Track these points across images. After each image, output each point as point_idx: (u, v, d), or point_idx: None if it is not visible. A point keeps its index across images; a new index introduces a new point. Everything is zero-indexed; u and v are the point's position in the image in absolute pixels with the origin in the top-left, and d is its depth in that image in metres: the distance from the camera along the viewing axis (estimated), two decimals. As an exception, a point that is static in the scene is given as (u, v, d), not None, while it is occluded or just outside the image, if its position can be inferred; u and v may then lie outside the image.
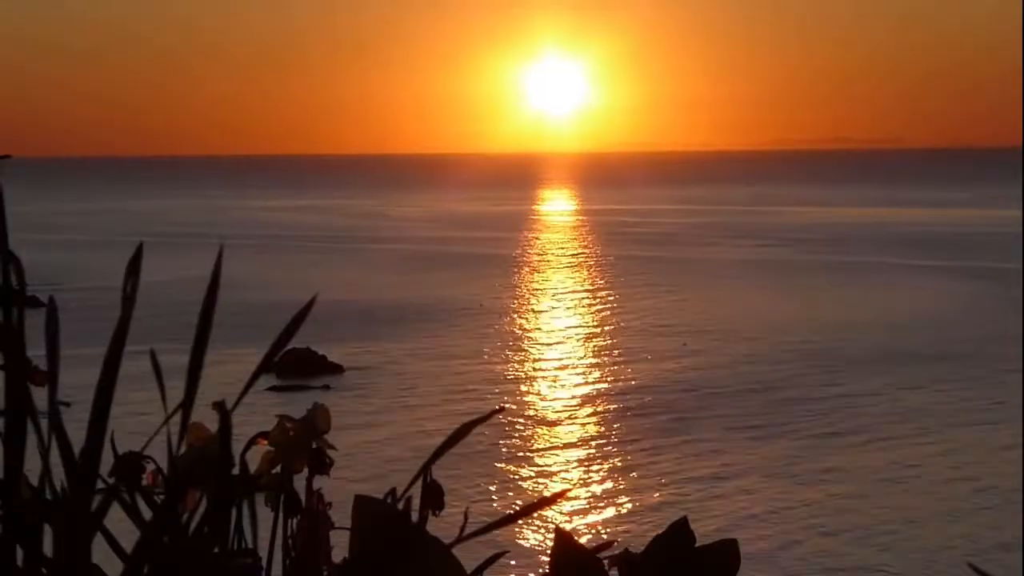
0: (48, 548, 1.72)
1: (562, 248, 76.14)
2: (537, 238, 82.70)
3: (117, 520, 1.80)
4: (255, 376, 1.77)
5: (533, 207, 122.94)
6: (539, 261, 66.89)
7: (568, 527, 14.09)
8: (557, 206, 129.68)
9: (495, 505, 21.37)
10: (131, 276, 1.74)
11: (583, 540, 2.25)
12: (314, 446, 2.07)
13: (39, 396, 1.75)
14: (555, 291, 53.64)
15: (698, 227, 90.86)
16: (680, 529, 2.24)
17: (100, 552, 1.79)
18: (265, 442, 2.07)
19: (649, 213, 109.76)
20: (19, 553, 1.71)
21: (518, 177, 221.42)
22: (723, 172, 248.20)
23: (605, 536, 20.63)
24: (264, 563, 1.96)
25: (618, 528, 21.35)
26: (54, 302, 1.77)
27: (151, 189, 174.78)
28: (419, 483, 2.05)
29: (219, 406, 1.71)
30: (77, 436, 1.72)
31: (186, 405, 1.74)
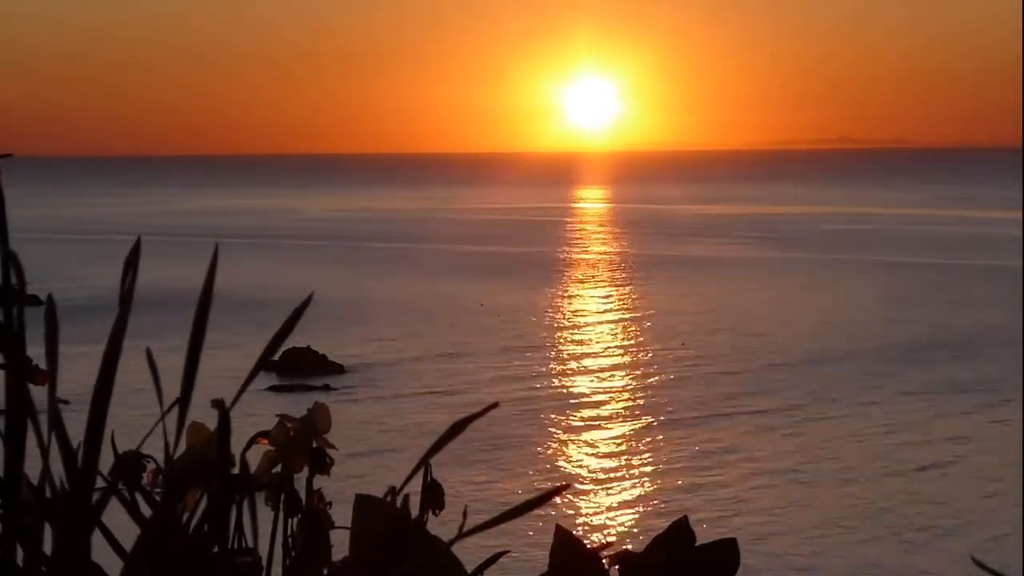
0: (48, 547, 1.72)
1: (568, 247, 76.13)
2: (542, 237, 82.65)
3: (117, 520, 1.80)
4: (253, 373, 1.77)
5: (540, 205, 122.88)
6: (540, 260, 66.86)
7: (569, 525, 14.05)
8: (565, 204, 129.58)
9: (495, 503, 21.37)
10: (129, 272, 1.74)
11: (583, 537, 2.25)
12: (314, 445, 2.07)
13: (38, 394, 1.75)
14: (555, 290, 53.64)
15: (694, 224, 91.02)
16: (680, 528, 2.24)
17: (100, 551, 1.79)
18: (265, 441, 2.07)
19: (651, 211, 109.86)
20: (19, 552, 1.71)
21: (539, 175, 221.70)
22: (731, 171, 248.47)
23: (606, 533, 20.64)
24: (264, 563, 1.96)
25: (617, 526, 21.36)
26: (52, 300, 1.76)
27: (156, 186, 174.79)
28: (418, 480, 2.05)
29: (218, 404, 1.71)
30: (77, 434, 1.72)
31: (183, 403, 1.73)
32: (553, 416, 29.27)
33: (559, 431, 27.97)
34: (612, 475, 24.70)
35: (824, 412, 29.44)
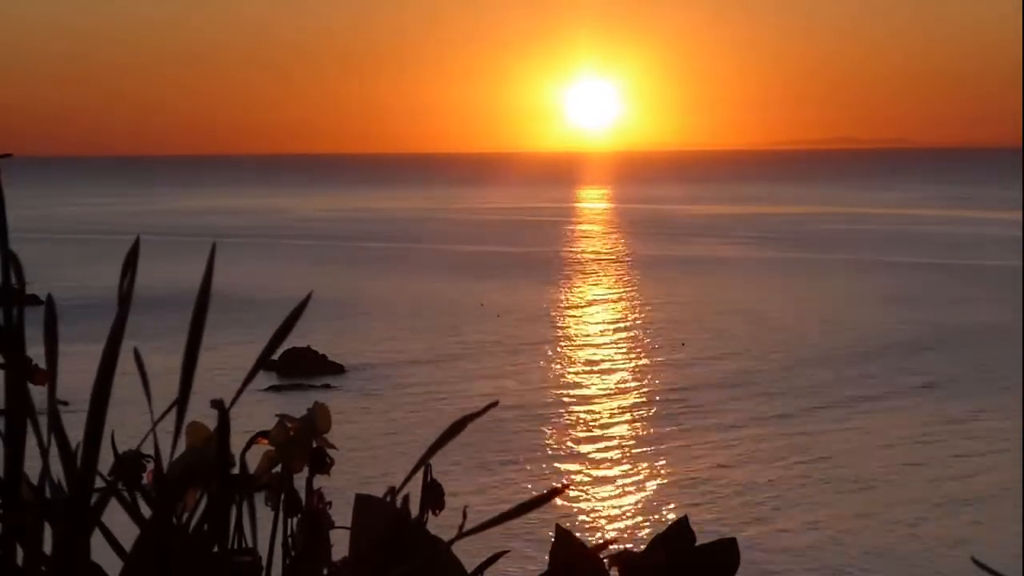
0: (48, 547, 1.71)
1: (569, 247, 76.13)
2: (543, 237, 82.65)
3: (117, 520, 1.80)
4: (253, 373, 1.77)
5: (541, 205, 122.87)
6: (541, 260, 66.87)
7: (568, 523, 13.95)
8: (566, 204, 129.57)
9: (495, 502, 21.38)
10: (128, 273, 1.74)
11: (584, 538, 2.25)
12: (314, 445, 2.06)
13: (37, 394, 1.74)
14: (556, 290, 53.64)
15: (695, 224, 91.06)
16: (680, 528, 2.24)
17: (100, 551, 1.79)
18: (265, 441, 2.06)
19: (652, 211, 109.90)
20: (19, 552, 1.71)
21: (540, 176, 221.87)
22: (734, 171, 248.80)
23: (607, 534, 20.66)
24: (264, 563, 1.96)
25: (616, 526, 21.37)
26: (52, 300, 1.76)
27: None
28: (418, 480, 2.05)
29: (217, 404, 1.71)
30: (77, 435, 1.72)
31: (181, 403, 1.73)
32: (552, 415, 29.28)
33: (558, 430, 27.98)
34: (611, 475, 24.70)
35: (823, 413, 29.44)
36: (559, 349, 38.45)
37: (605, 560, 2.17)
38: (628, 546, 2.23)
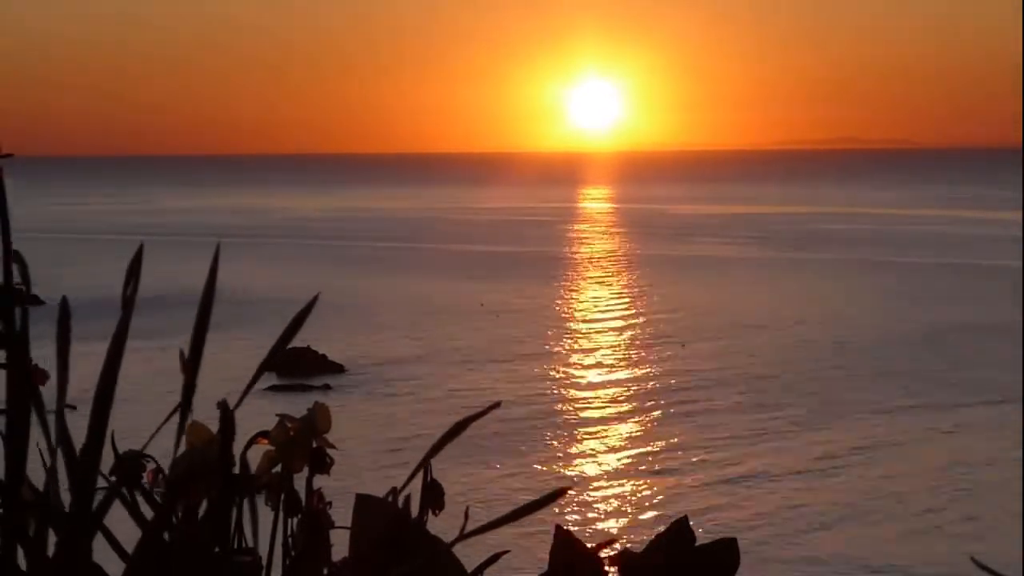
0: (50, 547, 1.72)
1: (570, 247, 76.10)
2: (543, 236, 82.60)
3: (118, 520, 1.80)
4: (257, 375, 1.77)
5: (542, 205, 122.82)
6: (541, 260, 66.86)
7: (568, 524, 13.91)
8: (568, 203, 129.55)
9: (496, 503, 21.37)
10: (131, 277, 1.75)
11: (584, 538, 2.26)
12: (314, 445, 2.07)
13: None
14: (556, 289, 53.63)
15: (695, 224, 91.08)
16: (680, 528, 2.25)
17: (101, 552, 1.79)
18: (265, 441, 2.07)
19: (653, 211, 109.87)
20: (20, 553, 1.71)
21: (542, 176, 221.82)
22: (737, 171, 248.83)
23: (604, 532, 20.67)
24: (264, 563, 1.97)
25: (616, 526, 21.38)
26: (67, 303, 1.77)
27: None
28: (418, 481, 2.05)
29: (222, 406, 1.72)
30: (77, 435, 1.72)
31: (184, 405, 1.74)
32: (552, 416, 29.27)
33: (558, 431, 27.97)
34: (611, 475, 24.70)
35: (822, 413, 29.44)
36: (559, 349, 38.44)
37: (605, 560, 2.18)
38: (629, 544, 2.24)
